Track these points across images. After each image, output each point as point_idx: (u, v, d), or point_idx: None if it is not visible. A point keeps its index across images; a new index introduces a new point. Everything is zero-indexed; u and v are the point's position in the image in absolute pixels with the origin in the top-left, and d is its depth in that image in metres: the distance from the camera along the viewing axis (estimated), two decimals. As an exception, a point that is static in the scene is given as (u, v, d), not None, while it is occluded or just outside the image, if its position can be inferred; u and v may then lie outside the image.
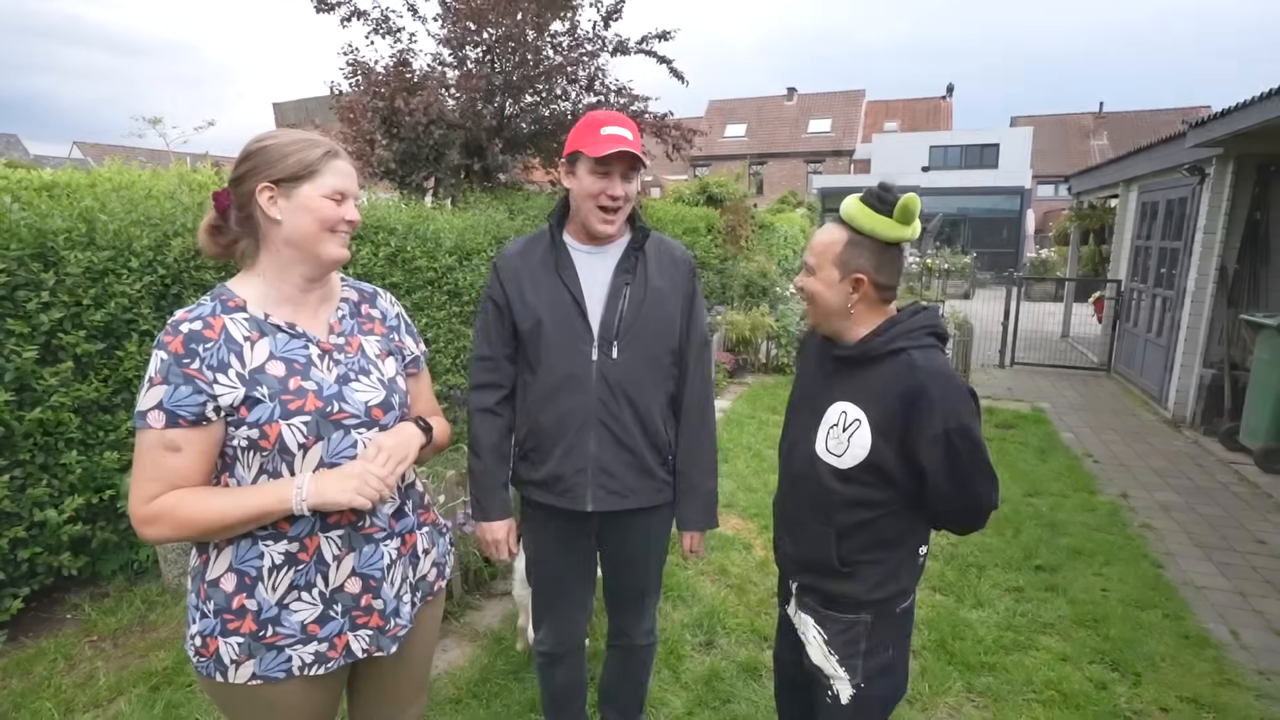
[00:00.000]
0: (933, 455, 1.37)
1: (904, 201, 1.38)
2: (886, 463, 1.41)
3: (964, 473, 1.37)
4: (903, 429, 1.39)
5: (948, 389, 1.37)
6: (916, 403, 1.37)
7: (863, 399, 1.44)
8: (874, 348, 1.45)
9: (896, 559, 1.50)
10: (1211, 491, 4.75)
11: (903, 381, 1.39)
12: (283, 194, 1.22)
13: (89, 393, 2.97)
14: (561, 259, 1.72)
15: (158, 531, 1.16)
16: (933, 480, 1.39)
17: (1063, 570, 3.54)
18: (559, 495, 1.76)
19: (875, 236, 1.42)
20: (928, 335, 1.45)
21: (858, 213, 1.43)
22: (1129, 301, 8.46)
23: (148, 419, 1.15)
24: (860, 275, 1.44)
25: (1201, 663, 2.80)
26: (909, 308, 1.51)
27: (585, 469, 1.72)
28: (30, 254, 2.78)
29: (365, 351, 1.36)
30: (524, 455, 1.81)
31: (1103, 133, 35.36)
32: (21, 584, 2.85)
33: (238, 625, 1.23)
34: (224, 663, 1.23)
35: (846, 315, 1.48)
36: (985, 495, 1.42)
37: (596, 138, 1.62)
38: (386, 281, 4.53)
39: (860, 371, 1.47)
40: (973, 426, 1.37)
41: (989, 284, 19.18)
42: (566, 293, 1.70)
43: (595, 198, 1.65)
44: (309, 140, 1.25)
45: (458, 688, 2.57)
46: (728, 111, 37.16)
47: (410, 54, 6.87)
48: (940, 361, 1.42)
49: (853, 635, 1.52)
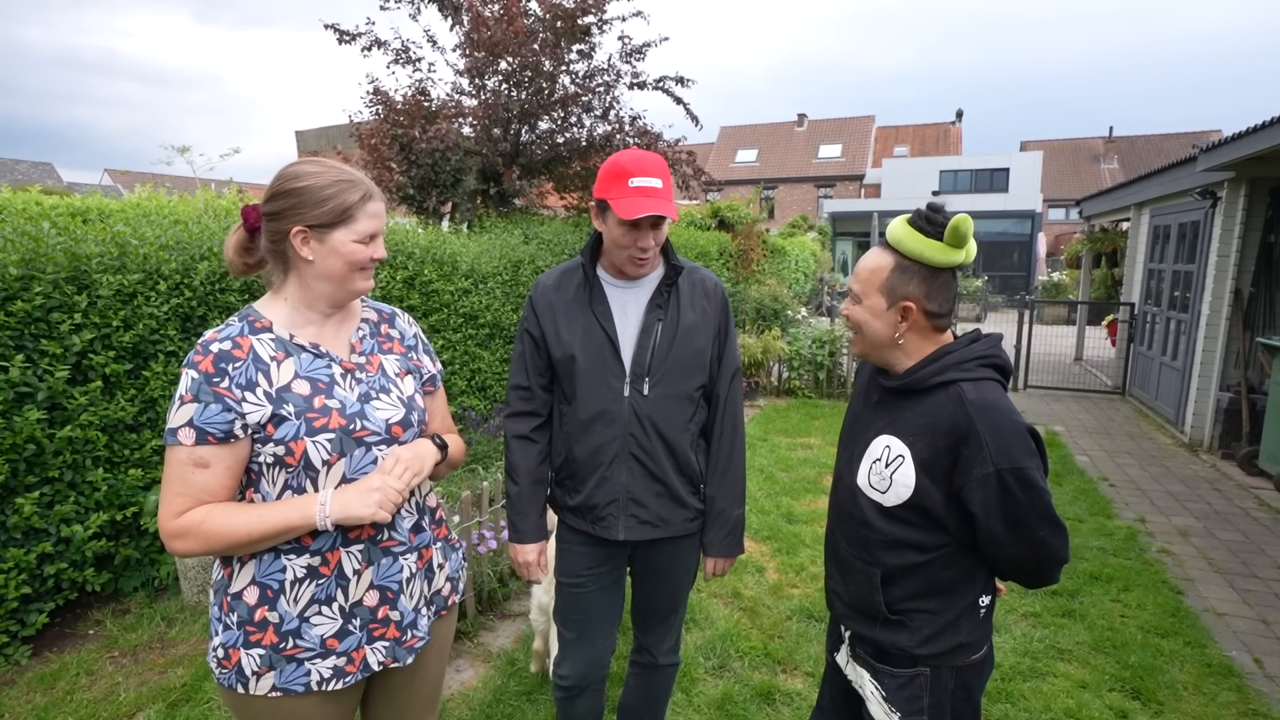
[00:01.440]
0: (983, 498, 1.26)
1: (955, 223, 1.28)
2: (933, 504, 1.31)
3: (1021, 517, 1.26)
4: (949, 468, 1.29)
5: (1000, 426, 1.25)
6: (965, 441, 1.26)
7: (907, 434, 1.34)
8: (922, 379, 1.35)
9: (954, 609, 1.37)
10: (1231, 516, 4.69)
11: (950, 416, 1.29)
12: (316, 237, 1.25)
13: (116, 412, 3.04)
14: (595, 294, 1.74)
15: (185, 546, 1.19)
16: (985, 526, 1.28)
17: (1080, 596, 3.50)
18: (592, 523, 1.79)
19: (925, 261, 1.32)
20: (984, 366, 1.34)
21: (905, 236, 1.33)
22: (1143, 325, 8.42)
23: (178, 436, 1.18)
24: (909, 303, 1.34)
25: (1225, 692, 2.76)
26: (966, 336, 1.40)
27: (617, 499, 1.75)
28: (65, 277, 2.87)
29: (385, 370, 1.39)
30: (560, 482, 1.85)
31: (1113, 157, 35.40)
32: (47, 599, 2.91)
33: (259, 637, 1.25)
34: (245, 674, 1.25)
35: (895, 345, 1.39)
36: (1050, 544, 1.30)
37: (624, 191, 1.59)
38: (404, 304, 4.62)
39: (907, 404, 1.37)
40: (1029, 467, 1.25)
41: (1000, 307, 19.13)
42: (599, 329, 1.72)
43: (626, 249, 1.66)
44: (346, 183, 1.27)
45: (471, 709, 2.58)
46: (739, 137, 37.55)
47: (429, 83, 7.05)
48: (994, 395, 1.30)
49: (913, 691, 1.40)
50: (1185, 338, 6.88)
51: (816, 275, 19.21)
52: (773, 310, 9.61)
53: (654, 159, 1.64)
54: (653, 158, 1.64)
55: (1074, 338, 11.80)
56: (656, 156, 1.66)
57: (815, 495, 4.82)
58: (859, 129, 35.77)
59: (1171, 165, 7.36)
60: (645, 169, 1.61)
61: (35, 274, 2.79)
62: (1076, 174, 34.84)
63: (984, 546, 1.33)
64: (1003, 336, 1.44)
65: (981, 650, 1.43)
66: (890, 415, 1.40)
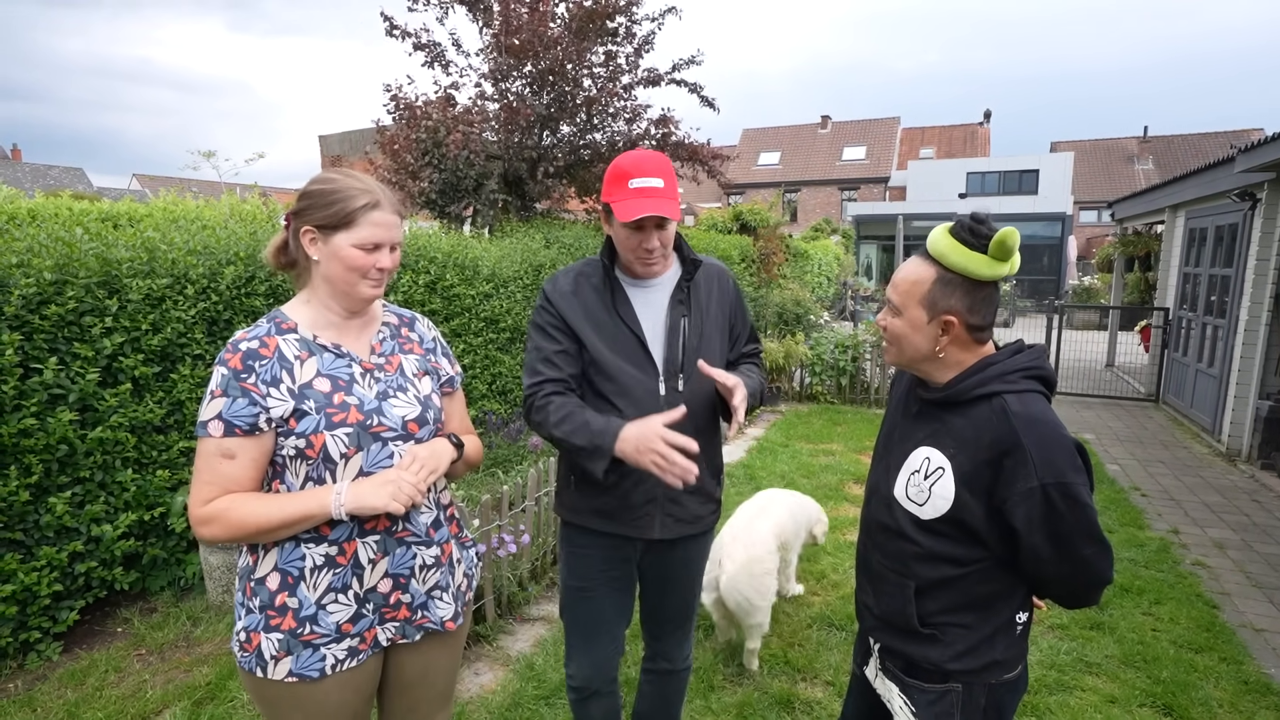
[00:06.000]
0: (1026, 513, 1.23)
1: (1000, 236, 1.24)
2: (973, 518, 1.28)
3: (1065, 534, 1.23)
4: (991, 482, 1.26)
5: (1046, 439, 1.23)
6: (1009, 454, 1.23)
7: (948, 446, 1.32)
8: (963, 390, 1.32)
9: (989, 625, 1.35)
10: (1271, 529, 4.53)
11: (993, 430, 1.26)
12: (322, 238, 1.33)
13: (145, 414, 3.11)
14: (618, 296, 1.71)
15: (212, 531, 1.26)
16: (1028, 542, 1.25)
17: (1109, 608, 3.41)
18: (626, 524, 1.75)
19: (968, 274, 1.28)
20: (1028, 379, 1.30)
21: (948, 248, 1.29)
22: (1178, 330, 8.20)
23: (208, 428, 1.26)
24: (951, 317, 1.30)
25: (1264, 710, 2.66)
26: (1010, 346, 1.37)
27: (655, 499, 1.73)
28: (97, 281, 2.95)
29: (404, 370, 1.45)
30: (579, 486, 1.77)
31: (1148, 157, 34.59)
32: (78, 597, 2.97)
33: (279, 622, 1.32)
34: (264, 658, 1.31)
35: (935, 359, 1.35)
36: (1094, 563, 1.26)
37: (625, 193, 1.58)
38: (426, 308, 4.66)
39: (948, 416, 1.34)
40: (1075, 483, 1.22)
41: (1029, 312, 18.77)
42: (628, 331, 1.70)
43: (632, 251, 1.66)
44: (355, 190, 1.32)
45: (489, 712, 2.58)
46: (762, 140, 37.43)
47: (456, 88, 7.14)
48: (1039, 408, 1.27)
49: (944, 708, 1.37)
50: (1222, 344, 6.68)
51: (840, 279, 19.04)
52: (795, 315, 9.54)
53: (655, 158, 1.62)
54: (654, 157, 1.62)
55: (1105, 343, 11.54)
56: (659, 155, 1.64)
57: (837, 502, 4.76)
58: (884, 131, 35.45)
59: (1208, 166, 7.16)
60: (645, 169, 1.58)
61: (68, 278, 2.86)
62: (1109, 175, 34.10)
63: (1025, 564, 1.30)
64: (1046, 348, 1.41)
65: (1016, 670, 1.39)
66: (930, 427, 1.37)
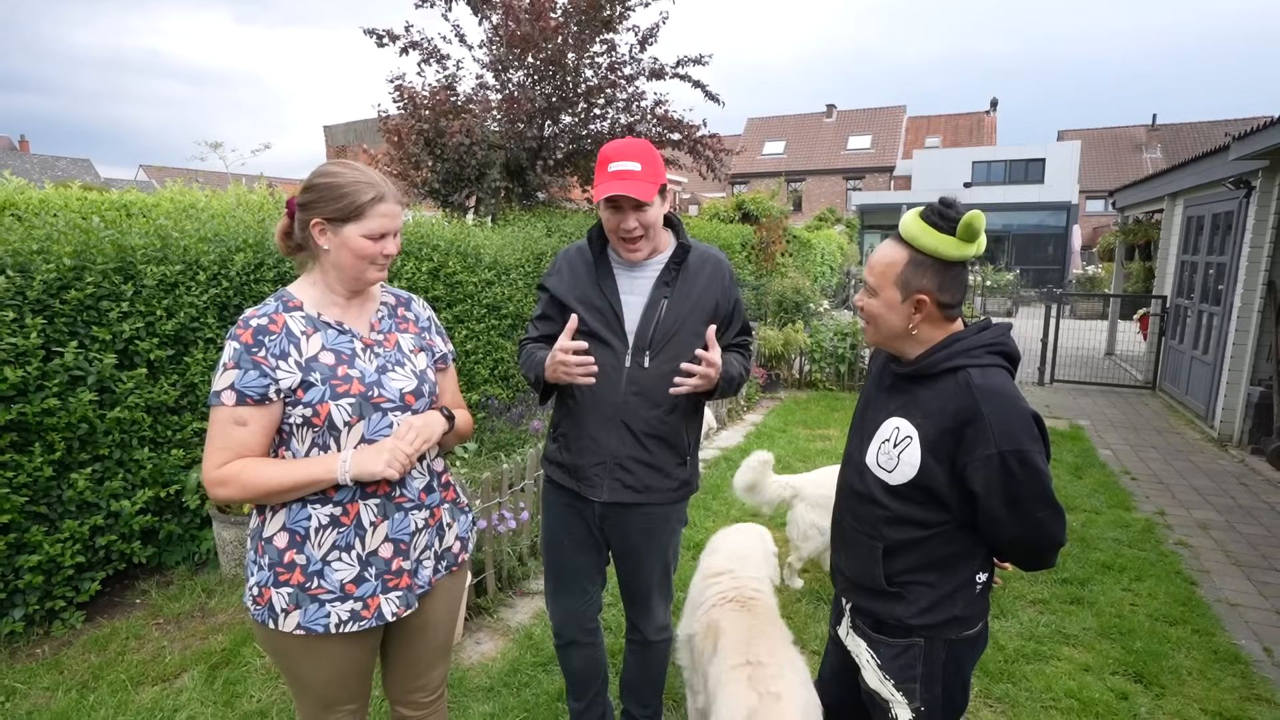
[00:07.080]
0: (985, 477, 1.32)
1: (967, 219, 1.33)
2: (937, 483, 1.38)
3: (1020, 497, 1.32)
4: (954, 449, 1.35)
5: (1005, 410, 1.32)
6: (970, 423, 1.32)
7: (916, 416, 1.42)
8: (932, 364, 1.41)
9: (950, 583, 1.45)
10: (1255, 511, 4.63)
11: (957, 400, 1.35)
12: (331, 229, 1.42)
13: (160, 395, 3.24)
14: (602, 270, 1.86)
15: (226, 493, 1.36)
16: (986, 505, 1.34)
17: (1090, 584, 3.52)
18: (579, 482, 1.90)
19: (938, 256, 1.37)
20: (991, 354, 1.40)
21: (919, 231, 1.38)
22: (1175, 318, 8.26)
23: (221, 397, 1.36)
24: (923, 296, 1.40)
25: (1230, 678, 2.78)
26: (976, 324, 1.46)
27: (604, 463, 1.86)
28: (113, 267, 3.07)
29: (401, 347, 1.56)
30: (555, 438, 1.96)
31: (1156, 146, 34.34)
32: (99, 569, 3.12)
33: (288, 577, 1.42)
34: (275, 611, 1.42)
35: (908, 336, 1.45)
36: (1047, 525, 1.35)
37: (604, 176, 1.71)
38: (429, 295, 4.77)
39: (917, 388, 1.44)
40: (1030, 450, 1.31)
41: (1033, 301, 18.77)
42: (605, 300, 1.83)
43: (614, 232, 1.79)
44: (362, 183, 1.42)
45: (490, 677, 2.72)
46: (766, 129, 37.30)
47: (455, 79, 7.20)
48: (1000, 381, 1.36)
49: (907, 660, 1.48)
50: (1216, 331, 6.75)
51: (843, 269, 19.06)
52: (794, 303, 9.62)
53: (635, 144, 1.74)
54: (634, 143, 1.74)
55: (1106, 332, 11.59)
56: (640, 142, 1.75)
57: (830, 484, 4.86)
58: (889, 120, 35.28)
59: (1205, 154, 7.20)
60: (623, 154, 1.72)
61: (86, 264, 2.98)
62: (1117, 164, 33.91)
63: (984, 526, 1.39)
64: (1011, 325, 1.51)
65: (976, 626, 1.50)
66: (901, 399, 1.47)
